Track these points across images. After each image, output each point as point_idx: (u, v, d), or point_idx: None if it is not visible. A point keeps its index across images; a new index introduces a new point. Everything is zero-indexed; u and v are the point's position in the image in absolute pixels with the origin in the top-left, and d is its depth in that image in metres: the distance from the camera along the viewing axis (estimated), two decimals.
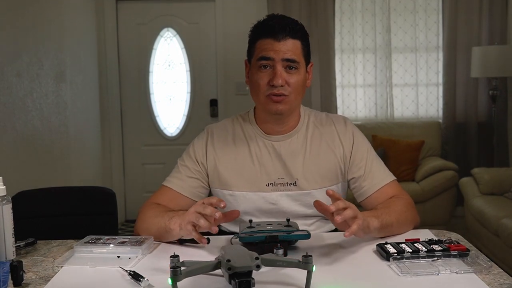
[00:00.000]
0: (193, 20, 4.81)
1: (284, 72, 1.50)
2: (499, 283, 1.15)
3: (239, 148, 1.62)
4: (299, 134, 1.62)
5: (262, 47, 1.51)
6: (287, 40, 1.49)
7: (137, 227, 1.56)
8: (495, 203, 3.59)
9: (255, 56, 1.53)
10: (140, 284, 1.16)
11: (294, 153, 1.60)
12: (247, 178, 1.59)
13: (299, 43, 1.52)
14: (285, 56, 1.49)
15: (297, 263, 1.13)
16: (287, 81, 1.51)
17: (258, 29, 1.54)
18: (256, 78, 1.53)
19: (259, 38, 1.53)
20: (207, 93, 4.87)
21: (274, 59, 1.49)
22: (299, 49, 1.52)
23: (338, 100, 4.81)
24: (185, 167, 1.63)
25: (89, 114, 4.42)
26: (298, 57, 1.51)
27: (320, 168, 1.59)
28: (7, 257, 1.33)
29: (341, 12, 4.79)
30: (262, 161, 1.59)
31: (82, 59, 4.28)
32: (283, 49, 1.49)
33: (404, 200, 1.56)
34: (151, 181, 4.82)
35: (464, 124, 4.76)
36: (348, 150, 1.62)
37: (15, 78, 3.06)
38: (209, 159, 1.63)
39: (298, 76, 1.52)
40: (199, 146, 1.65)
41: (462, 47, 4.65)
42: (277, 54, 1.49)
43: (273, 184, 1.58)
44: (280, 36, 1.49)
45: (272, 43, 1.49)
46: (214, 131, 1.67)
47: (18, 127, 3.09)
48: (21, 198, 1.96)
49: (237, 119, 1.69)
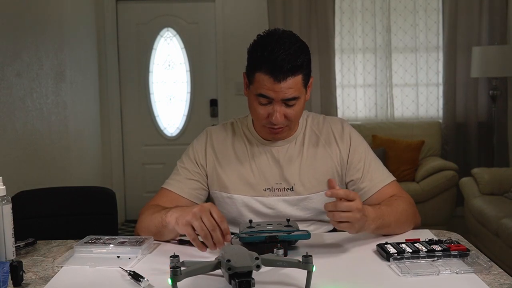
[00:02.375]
0: (193, 20, 4.82)
1: (283, 108, 1.47)
2: (499, 283, 1.15)
3: (238, 152, 1.62)
4: (297, 140, 1.62)
5: (261, 83, 1.44)
6: (287, 80, 1.42)
7: (137, 228, 1.57)
8: (495, 203, 3.59)
9: (254, 87, 1.47)
10: (140, 284, 1.16)
11: (292, 159, 1.60)
12: (245, 182, 1.59)
13: (300, 78, 1.45)
14: (285, 97, 1.44)
15: (297, 263, 1.13)
16: (286, 116, 1.48)
17: (258, 59, 1.44)
18: (255, 106, 1.50)
19: (258, 70, 1.44)
20: (207, 93, 4.87)
21: (273, 98, 1.45)
22: (299, 83, 1.46)
23: (338, 100, 4.81)
24: (185, 169, 1.63)
25: (89, 114, 4.42)
26: (299, 91, 1.46)
27: (317, 172, 1.59)
28: (7, 257, 1.33)
29: (341, 12, 4.79)
30: (260, 166, 1.59)
31: (82, 59, 4.28)
32: (283, 89, 1.43)
33: (404, 199, 1.56)
34: (151, 181, 4.83)
35: (464, 124, 4.76)
36: (345, 152, 1.62)
37: (15, 78, 3.06)
38: (209, 160, 1.62)
39: (298, 106, 1.49)
40: (199, 147, 1.65)
41: (462, 47, 4.65)
42: (277, 94, 1.43)
43: (271, 189, 1.58)
44: (280, 76, 1.41)
45: (271, 83, 1.42)
46: (213, 133, 1.67)
47: (18, 127, 3.08)
48: (21, 198, 1.96)
49: (236, 123, 1.68)
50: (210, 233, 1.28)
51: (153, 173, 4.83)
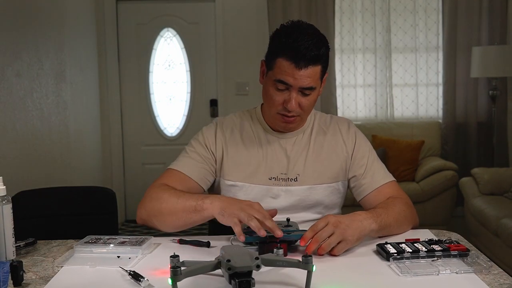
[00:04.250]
0: (193, 20, 4.82)
1: (299, 96, 1.50)
2: (499, 283, 1.15)
3: (246, 141, 1.65)
4: (304, 133, 1.66)
5: (281, 68, 1.47)
6: (308, 68, 1.45)
7: (150, 208, 1.51)
8: (495, 203, 3.60)
9: (273, 73, 1.49)
10: (140, 284, 1.16)
11: (299, 151, 1.63)
12: (251, 171, 1.61)
13: (319, 68, 1.49)
14: (303, 85, 1.47)
15: (297, 263, 1.13)
16: (300, 105, 1.51)
17: (282, 45, 1.47)
18: (271, 93, 1.52)
19: (280, 55, 1.47)
20: (207, 93, 4.87)
21: (292, 85, 1.47)
22: (318, 74, 1.49)
23: (338, 100, 4.81)
24: (195, 152, 1.63)
25: (89, 114, 4.42)
26: (316, 82, 1.49)
27: (321, 165, 1.63)
28: (7, 257, 1.33)
29: (341, 12, 4.79)
30: (267, 155, 1.62)
31: (82, 59, 4.28)
32: (303, 77, 1.46)
33: (402, 200, 1.57)
34: (151, 181, 4.72)
35: (464, 124, 4.76)
36: (350, 149, 1.66)
37: (15, 78, 3.06)
38: (218, 147, 1.64)
39: (313, 96, 1.52)
40: (209, 133, 1.66)
41: (462, 47, 4.66)
42: (296, 81, 1.46)
43: (276, 179, 1.61)
44: (302, 63, 1.44)
45: (292, 69, 1.45)
46: (223, 122, 1.69)
47: (18, 127, 3.09)
48: (21, 198, 1.96)
49: (244, 114, 1.71)
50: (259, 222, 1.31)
51: (153, 173, 4.81)
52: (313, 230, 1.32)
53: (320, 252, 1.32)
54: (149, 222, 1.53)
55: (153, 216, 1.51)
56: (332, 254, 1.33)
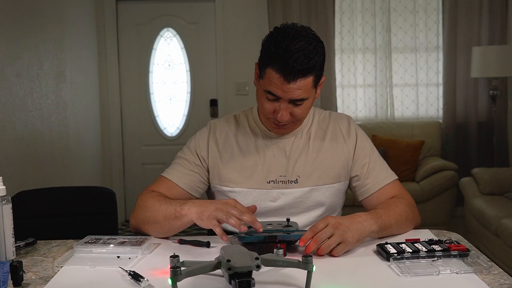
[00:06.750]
0: (193, 20, 4.82)
1: (290, 106, 1.45)
2: (499, 283, 1.15)
3: (242, 144, 1.61)
4: (303, 133, 1.62)
5: (270, 79, 1.41)
6: (297, 82, 1.39)
7: (138, 216, 1.53)
8: (495, 203, 3.59)
9: (264, 82, 1.44)
10: (140, 284, 1.16)
11: (298, 151, 1.59)
12: (248, 175, 1.58)
13: (311, 79, 1.42)
14: (293, 97, 1.42)
15: (297, 263, 1.13)
16: (292, 114, 1.47)
17: (271, 55, 1.40)
18: (262, 101, 1.49)
19: (269, 65, 1.41)
20: (207, 93, 4.87)
21: (281, 97, 1.43)
22: (309, 84, 1.42)
23: (338, 100, 4.81)
24: (185, 160, 1.62)
25: (89, 114, 4.42)
26: (308, 92, 1.44)
27: (322, 165, 1.59)
28: (7, 257, 1.33)
29: (341, 12, 4.79)
30: (265, 158, 1.59)
31: (82, 59, 4.28)
32: (292, 90, 1.40)
33: (404, 200, 1.56)
34: (151, 181, 4.74)
35: (464, 124, 4.76)
36: (352, 148, 1.62)
37: (15, 78, 3.06)
38: (210, 154, 1.62)
39: (306, 105, 1.47)
40: (201, 140, 1.64)
41: (462, 47, 4.66)
42: (285, 94, 1.41)
43: (274, 182, 1.57)
44: (291, 77, 1.38)
45: (281, 81, 1.39)
46: (217, 126, 1.66)
47: (18, 127, 3.09)
48: (21, 198, 1.96)
49: (239, 115, 1.68)
50: (238, 218, 1.31)
51: (153, 173, 4.79)
52: (313, 231, 1.32)
53: (320, 253, 1.31)
54: (140, 230, 1.54)
55: (141, 225, 1.52)
56: (331, 255, 1.33)
